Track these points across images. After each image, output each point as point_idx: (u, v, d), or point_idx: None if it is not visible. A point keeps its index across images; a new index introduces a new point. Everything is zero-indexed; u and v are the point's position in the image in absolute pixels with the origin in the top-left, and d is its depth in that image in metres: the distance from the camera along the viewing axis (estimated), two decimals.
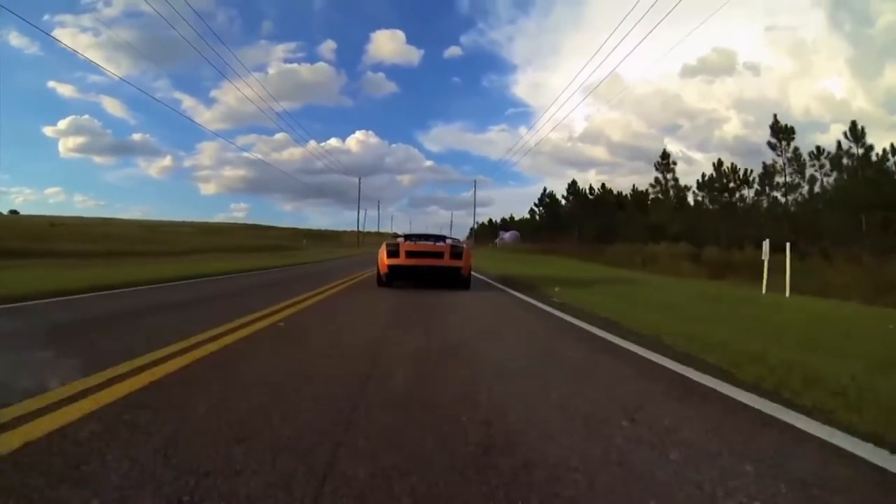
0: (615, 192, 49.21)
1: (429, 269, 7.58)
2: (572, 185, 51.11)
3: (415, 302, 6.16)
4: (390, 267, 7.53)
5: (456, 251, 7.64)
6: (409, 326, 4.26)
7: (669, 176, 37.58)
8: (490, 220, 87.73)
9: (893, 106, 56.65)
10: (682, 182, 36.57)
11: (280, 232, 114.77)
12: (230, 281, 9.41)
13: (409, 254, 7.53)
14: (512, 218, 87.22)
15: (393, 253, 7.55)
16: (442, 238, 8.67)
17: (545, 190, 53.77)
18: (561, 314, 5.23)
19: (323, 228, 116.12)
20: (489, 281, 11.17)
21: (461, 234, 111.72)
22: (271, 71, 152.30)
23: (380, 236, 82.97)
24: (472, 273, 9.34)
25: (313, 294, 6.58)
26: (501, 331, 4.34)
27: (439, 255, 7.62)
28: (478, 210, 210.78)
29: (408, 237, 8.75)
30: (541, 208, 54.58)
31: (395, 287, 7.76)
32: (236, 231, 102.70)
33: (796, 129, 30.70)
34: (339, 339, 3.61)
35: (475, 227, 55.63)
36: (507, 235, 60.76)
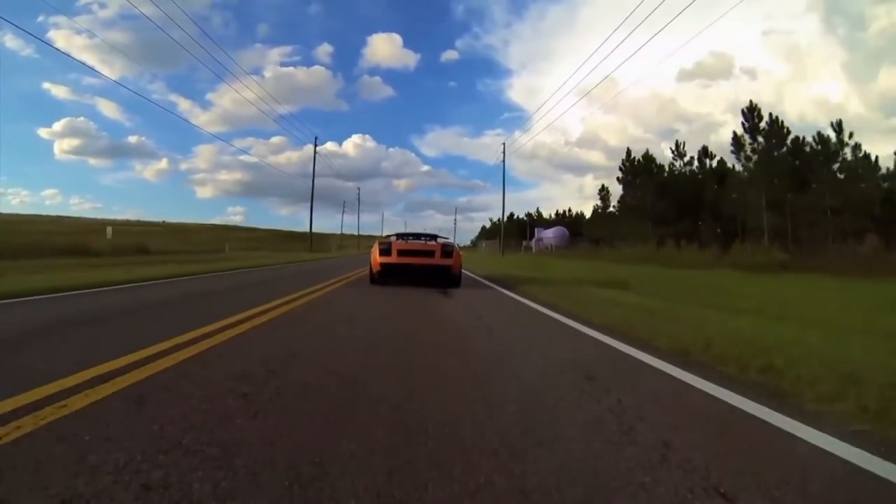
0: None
1: (420, 268, 7.75)
2: (752, 114, 26.15)
3: None
4: (382, 265, 7.69)
5: (446, 250, 7.82)
6: None
7: None
8: (513, 215, 67.84)
9: (889, 110, 53.89)
10: None
11: (260, 233, 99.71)
12: None
13: (401, 252, 7.71)
14: (539, 214, 67.41)
15: (385, 251, 7.72)
16: (433, 237, 9.11)
17: (629, 153, 32.23)
18: None
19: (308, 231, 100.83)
20: None
21: (466, 238, 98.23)
22: (267, 74, 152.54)
23: (357, 240, 66.39)
24: None
25: None
26: None
27: (430, 253, 7.78)
28: (473, 215, 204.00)
29: (400, 236, 9.25)
30: (628, 177, 33.08)
31: None
32: (203, 231, 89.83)
33: (791, 131, 25.89)
34: None
35: (503, 220, 35.05)
36: (548, 233, 40.84)
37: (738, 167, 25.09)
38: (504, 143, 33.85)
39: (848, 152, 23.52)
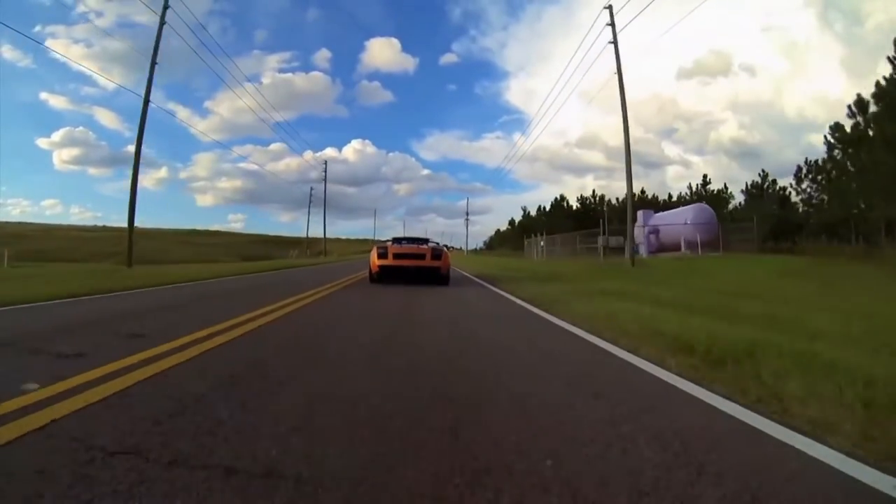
0: None
1: (413, 269, 8.54)
2: None
3: None
4: (380, 267, 8.59)
5: (436, 253, 8.73)
6: None
7: None
8: (560, 201, 48.75)
9: None
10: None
11: (240, 238, 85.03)
12: None
13: (396, 255, 8.56)
14: (600, 198, 48.55)
15: (382, 255, 8.59)
16: (425, 241, 10.34)
17: None
18: None
19: (298, 236, 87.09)
20: None
21: (478, 241, 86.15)
22: (265, 81, 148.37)
23: (323, 244, 49.54)
24: None
25: None
26: None
27: (422, 256, 8.59)
28: (474, 218, 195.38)
29: (395, 240, 10.25)
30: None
31: None
32: (165, 236, 75.56)
33: (791, 129, 18.15)
34: None
35: (631, 192, 15.93)
36: (676, 217, 21.51)
37: None
38: (610, 7, 15.09)
39: None
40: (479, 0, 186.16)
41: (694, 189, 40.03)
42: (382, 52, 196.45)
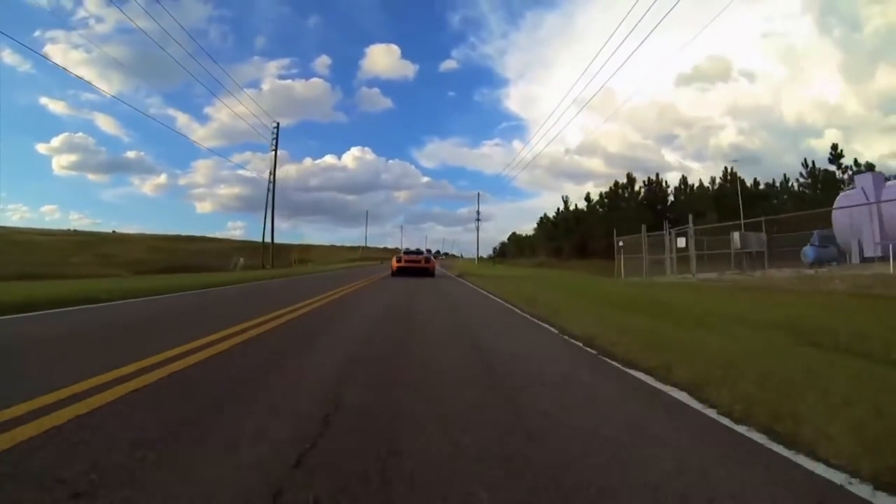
0: None
1: (414, 268, 17.30)
2: None
3: None
4: (397, 267, 17.53)
5: (427, 258, 18.33)
6: None
7: None
8: (651, 182, 38.49)
9: (888, 108, 50.24)
10: None
11: (222, 244, 76.57)
12: None
13: (406, 260, 17.87)
14: (679, 182, 38.46)
15: (399, 260, 17.99)
16: (421, 252, 19.69)
17: None
18: None
19: (288, 242, 77.75)
20: None
21: (488, 249, 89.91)
22: (265, 87, 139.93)
23: (271, 252, 39.60)
24: None
25: None
26: None
27: (419, 261, 17.79)
28: (476, 225, 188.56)
29: (405, 251, 20.12)
30: None
31: None
32: (136, 241, 67.35)
33: (791, 135, 20.11)
34: None
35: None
36: None
37: None
38: None
39: None
40: (479, 7, 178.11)
41: (810, 165, 30.01)
42: (382, 59, 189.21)
